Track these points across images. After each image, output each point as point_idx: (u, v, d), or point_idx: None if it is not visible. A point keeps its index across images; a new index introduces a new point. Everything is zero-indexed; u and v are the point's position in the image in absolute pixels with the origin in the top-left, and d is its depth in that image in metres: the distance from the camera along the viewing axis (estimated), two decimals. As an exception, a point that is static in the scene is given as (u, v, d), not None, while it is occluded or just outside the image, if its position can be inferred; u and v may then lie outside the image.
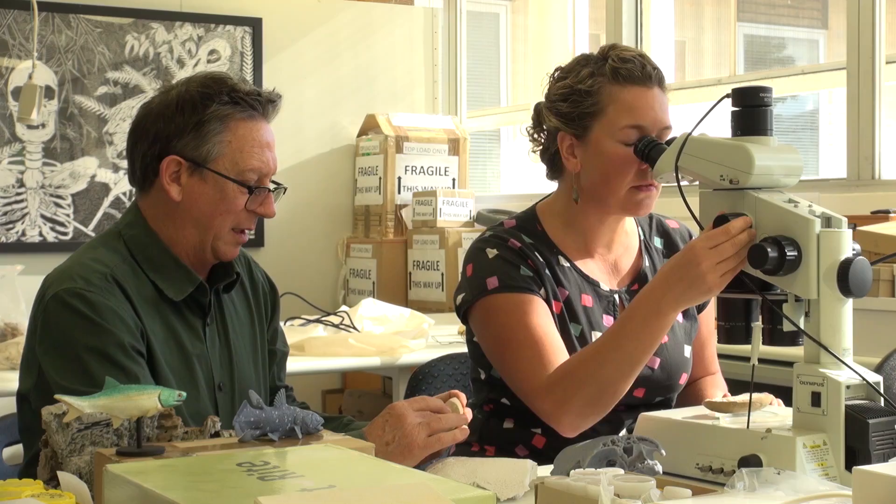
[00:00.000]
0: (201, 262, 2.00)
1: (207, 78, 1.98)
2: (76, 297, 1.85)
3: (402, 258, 5.10)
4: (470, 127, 5.66)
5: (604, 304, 2.16)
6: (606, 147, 2.08)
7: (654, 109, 2.08)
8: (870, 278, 1.66)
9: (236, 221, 1.96)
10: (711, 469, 1.67)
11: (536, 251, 2.13)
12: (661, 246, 2.28)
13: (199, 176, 1.94)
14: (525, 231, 2.17)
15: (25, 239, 4.73)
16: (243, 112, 1.95)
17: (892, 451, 1.61)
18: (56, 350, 1.86)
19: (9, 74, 4.71)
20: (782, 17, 7.97)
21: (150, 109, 1.98)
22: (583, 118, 2.10)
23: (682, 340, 2.21)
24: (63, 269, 1.93)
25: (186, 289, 1.95)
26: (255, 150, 1.95)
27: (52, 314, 1.87)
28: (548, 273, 2.12)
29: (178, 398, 1.42)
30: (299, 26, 5.33)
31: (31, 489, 1.30)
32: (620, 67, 2.08)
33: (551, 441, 2.10)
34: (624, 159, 2.07)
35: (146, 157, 1.96)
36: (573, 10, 5.58)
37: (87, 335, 1.83)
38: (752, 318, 1.76)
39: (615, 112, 2.08)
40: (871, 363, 2.36)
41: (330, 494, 1.11)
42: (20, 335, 3.19)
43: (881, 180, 3.76)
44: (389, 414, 1.86)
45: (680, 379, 2.20)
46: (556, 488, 1.42)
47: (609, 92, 2.08)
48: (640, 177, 2.08)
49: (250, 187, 1.95)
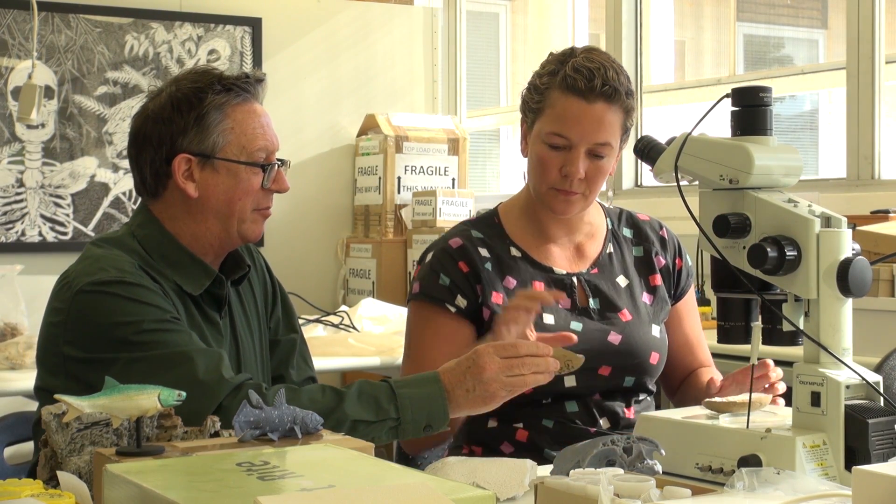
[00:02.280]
0: (225, 250, 2.03)
1: (194, 73, 2.01)
2: (114, 283, 1.87)
3: (401, 258, 5.10)
4: (469, 127, 5.66)
5: (557, 288, 2.23)
6: (536, 146, 2.21)
7: (583, 124, 2.15)
8: (869, 278, 1.66)
9: (256, 202, 2.00)
10: (711, 469, 1.67)
11: (485, 245, 2.24)
12: (630, 235, 2.36)
13: (211, 167, 1.96)
14: (481, 225, 2.30)
15: (25, 239, 4.72)
16: (237, 97, 1.98)
17: (891, 450, 1.61)
18: (99, 337, 1.85)
19: (8, 74, 4.71)
20: (782, 16, 7.97)
21: (146, 116, 1.99)
22: (531, 112, 2.23)
23: (647, 319, 2.27)
24: (87, 263, 1.94)
25: (203, 282, 1.98)
26: (259, 130, 1.99)
27: (90, 303, 1.86)
28: (487, 267, 2.21)
29: (178, 398, 1.42)
30: (299, 26, 5.32)
31: (31, 489, 1.31)
32: (569, 75, 2.16)
33: (533, 434, 2.18)
34: (545, 162, 2.19)
35: (155, 163, 1.98)
36: (573, 9, 5.58)
37: (134, 315, 1.84)
38: (752, 318, 1.76)
39: (548, 116, 2.19)
40: (870, 363, 2.35)
41: (330, 494, 1.11)
42: (20, 335, 3.19)
43: (881, 180, 3.76)
44: (473, 362, 1.85)
45: (650, 358, 2.24)
46: (555, 488, 1.42)
47: (552, 96, 2.19)
48: (560, 181, 2.18)
49: (263, 166, 1.98)
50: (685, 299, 2.38)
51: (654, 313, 2.29)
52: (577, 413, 2.19)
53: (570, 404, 2.20)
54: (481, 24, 6.13)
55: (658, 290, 2.31)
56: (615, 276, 2.28)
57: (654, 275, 2.32)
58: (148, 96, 2.04)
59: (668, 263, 2.35)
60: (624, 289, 2.27)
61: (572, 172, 2.16)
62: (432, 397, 1.84)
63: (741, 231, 1.70)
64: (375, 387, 1.86)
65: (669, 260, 2.35)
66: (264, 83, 2.03)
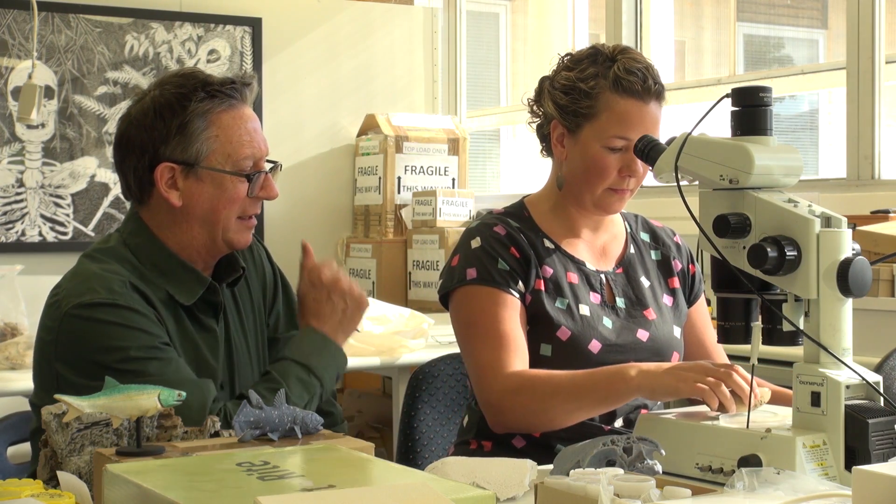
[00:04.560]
0: (214, 257, 1.99)
1: (178, 77, 1.96)
2: (102, 307, 1.83)
3: (401, 258, 5.10)
4: (469, 127, 5.66)
5: (590, 282, 2.25)
6: (592, 149, 2.19)
7: (645, 125, 2.16)
8: (869, 278, 1.66)
9: (241, 210, 1.96)
10: (711, 469, 1.67)
11: (522, 234, 2.23)
12: (648, 239, 2.38)
13: (195, 176, 1.92)
14: (512, 217, 2.28)
15: (25, 239, 4.72)
16: (223, 103, 1.93)
17: (891, 450, 1.61)
18: (87, 362, 1.82)
19: (8, 74, 4.71)
20: (782, 16, 7.96)
21: (129, 121, 1.95)
22: (577, 116, 2.20)
23: (670, 320, 2.30)
24: (78, 281, 1.90)
25: (197, 291, 1.94)
26: (245, 138, 1.94)
27: (77, 327, 1.84)
28: (532, 253, 2.21)
29: (178, 398, 1.42)
30: (299, 26, 5.32)
31: (31, 489, 1.31)
32: (623, 78, 2.16)
33: (547, 430, 2.16)
34: (606, 164, 2.19)
35: (138, 171, 1.94)
36: (573, 9, 5.58)
37: (121, 341, 1.82)
38: (752, 318, 1.76)
39: (607, 120, 2.17)
40: (870, 363, 2.36)
41: (330, 494, 1.11)
42: (20, 335, 3.19)
43: (881, 180, 3.76)
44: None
45: (672, 358, 2.26)
46: (555, 488, 1.42)
47: (606, 99, 2.17)
48: (618, 181, 2.20)
49: (248, 175, 1.94)
50: (698, 304, 2.41)
51: (675, 315, 2.32)
52: None
53: None
54: (481, 24, 6.13)
55: (676, 292, 2.34)
56: (639, 277, 2.31)
57: (673, 278, 2.35)
58: (132, 99, 1.99)
59: (683, 268, 2.38)
60: (647, 289, 2.30)
61: (635, 172, 2.19)
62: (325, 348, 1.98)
63: (741, 231, 1.70)
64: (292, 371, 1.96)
65: (684, 265, 2.39)
66: (253, 87, 1.98)
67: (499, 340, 2.14)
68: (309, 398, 1.95)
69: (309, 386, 1.96)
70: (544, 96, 2.26)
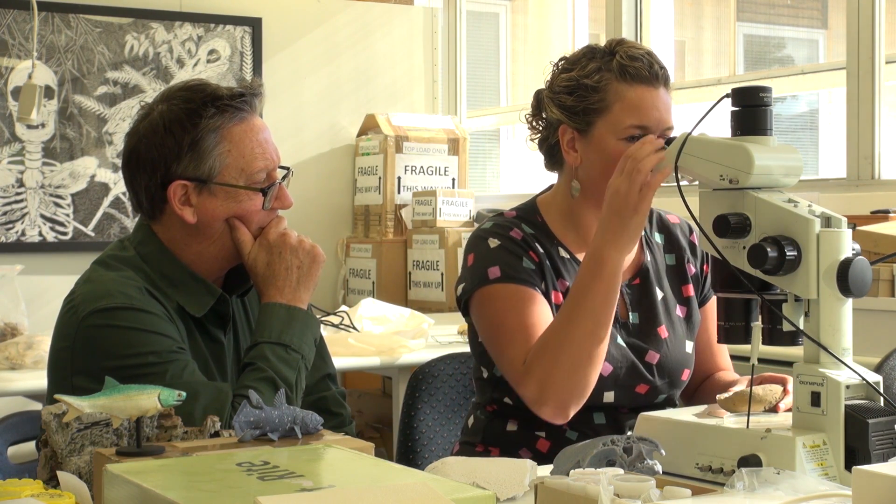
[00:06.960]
0: (226, 269, 1.97)
1: (186, 90, 1.93)
2: (121, 311, 1.82)
3: (401, 258, 5.10)
4: (469, 127, 5.66)
5: None
6: (609, 144, 2.09)
7: (659, 110, 2.09)
8: (869, 278, 1.66)
9: (258, 223, 1.94)
10: (711, 469, 1.67)
11: (537, 242, 2.14)
12: (661, 241, 2.29)
13: (209, 192, 1.90)
14: (526, 222, 2.18)
15: (25, 239, 4.72)
16: (234, 117, 1.90)
17: (891, 450, 1.61)
18: (105, 368, 1.77)
19: (8, 74, 4.71)
20: (782, 16, 7.96)
21: (139, 137, 1.92)
22: (587, 113, 2.11)
23: (682, 336, 2.22)
24: (93, 286, 1.88)
25: (207, 302, 1.93)
26: (257, 150, 1.92)
27: (95, 333, 1.83)
28: (548, 264, 2.13)
29: (178, 398, 1.42)
30: (299, 26, 5.33)
31: (31, 489, 1.31)
32: (629, 65, 2.08)
33: (556, 445, 2.07)
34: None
35: (150, 189, 1.91)
36: (573, 9, 5.58)
37: (141, 346, 1.81)
38: (752, 318, 1.76)
39: (620, 110, 2.08)
40: (870, 363, 2.36)
41: (330, 494, 1.11)
42: (20, 335, 3.19)
43: (881, 180, 3.76)
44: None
45: (682, 375, 2.20)
46: (555, 488, 1.42)
47: (615, 90, 2.09)
48: None
49: (263, 189, 1.92)
50: (709, 305, 2.30)
51: (688, 329, 2.23)
52: (604, 425, 2.13)
53: (598, 416, 2.13)
54: (481, 24, 6.13)
55: (690, 301, 2.25)
56: (653, 288, 2.21)
57: (687, 285, 2.26)
58: (139, 114, 1.96)
59: (697, 272, 2.28)
60: (660, 301, 2.20)
61: None
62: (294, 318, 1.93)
63: (741, 231, 1.70)
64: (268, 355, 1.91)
65: (698, 267, 2.29)
66: (262, 96, 1.95)
67: (524, 333, 2.05)
68: (296, 374, 1.91)
69: (292, 362, 1.90)
70: (545, 105, 2.17)
